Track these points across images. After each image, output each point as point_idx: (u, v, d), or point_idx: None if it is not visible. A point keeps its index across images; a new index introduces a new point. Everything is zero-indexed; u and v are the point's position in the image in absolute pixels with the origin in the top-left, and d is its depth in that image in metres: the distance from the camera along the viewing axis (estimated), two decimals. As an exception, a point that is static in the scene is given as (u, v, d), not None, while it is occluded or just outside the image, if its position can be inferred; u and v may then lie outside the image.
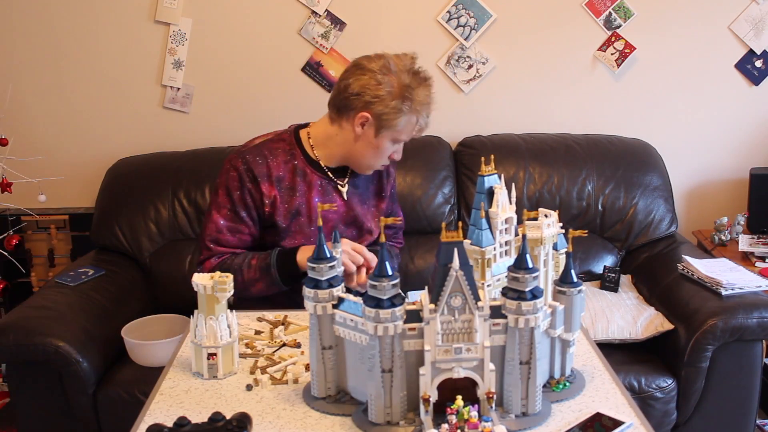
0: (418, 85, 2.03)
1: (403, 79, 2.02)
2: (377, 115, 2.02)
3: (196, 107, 3.25)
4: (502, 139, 3.14)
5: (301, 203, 2.11)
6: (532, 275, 1.35)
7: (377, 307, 1.33)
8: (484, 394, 1.37)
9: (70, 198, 3.30)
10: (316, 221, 2.11)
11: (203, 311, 1.61)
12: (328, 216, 2.13)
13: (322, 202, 2.11)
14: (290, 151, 2.12)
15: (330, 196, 2.14)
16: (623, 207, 3.00)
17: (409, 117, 2.03)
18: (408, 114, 2.02)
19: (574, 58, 3.22)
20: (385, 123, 2.03)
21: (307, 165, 2.12)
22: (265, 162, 2.09)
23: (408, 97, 2.01)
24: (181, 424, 1.32)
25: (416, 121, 2.04)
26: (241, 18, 3.17)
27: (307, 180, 2.12)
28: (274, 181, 2.09)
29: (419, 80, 2.04)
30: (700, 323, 2.37)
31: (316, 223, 2.10)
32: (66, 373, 2.32)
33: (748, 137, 3.31)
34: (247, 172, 2.07)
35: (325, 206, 1.58)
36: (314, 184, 2.12)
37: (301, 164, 2.12)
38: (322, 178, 2.14)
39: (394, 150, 2.11)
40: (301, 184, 2.11)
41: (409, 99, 2.01)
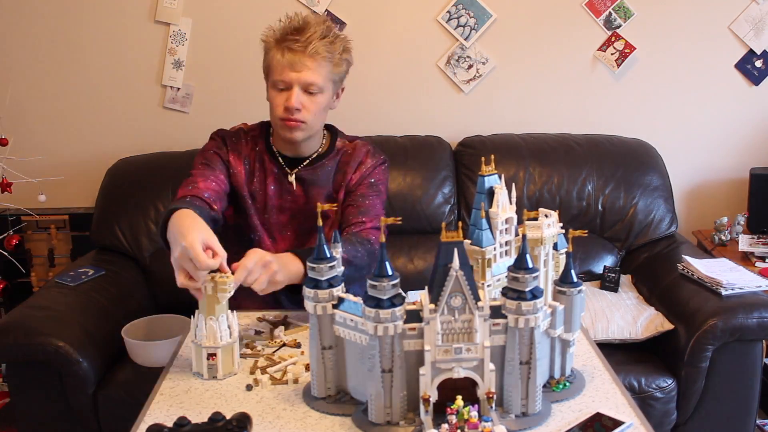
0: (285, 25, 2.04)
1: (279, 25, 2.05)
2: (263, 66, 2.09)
3: (196, 107, 3.25)
4: (502, 139, 3.14)
5: (258, 189, 2.13)
6: (532, 275, 1.35)
7: (377, 307, 1.33)
8: (484, 394, 1.37)
9: (70, 198, 3.30)
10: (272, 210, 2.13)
11: (203, 311, 1.61)
12: (285, 205, 2.13)
13: (277, 191, 2.13)
14: (256, 138, 2.16)
15: (284, 185, 2.14)
16: (623, 207, 3.00)
17: (273, 53, 2.02)
18: (271, 50, 2.03)
19: (574, 58, 3.22)
20: (264, 70, 2.08)
21: (265, 152, 2.15)
22: (239, 141, 2.15)
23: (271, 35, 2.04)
24: (181, 424, 1.32)
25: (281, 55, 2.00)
26: (241, 18, 3.17)
27: (264, 167, 2.14)
28: (242, 159, 2.13)
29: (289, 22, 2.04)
30: (700, 323, 2.37)
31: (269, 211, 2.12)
32: (66, 373, 2.32)
33: (748, 137, 3.31)
34: (223, 141, 2.14)
35: (325, 206, 1.57)
36: (270, 172, 2.14)
37: (260, 151, 2.15)
38: (277, 166, 2.15)
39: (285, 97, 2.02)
40: (260, 170, 2.14)
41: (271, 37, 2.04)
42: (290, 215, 2.15)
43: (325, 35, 2.01)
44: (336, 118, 3.14)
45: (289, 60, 2.00)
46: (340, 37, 2.07)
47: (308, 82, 2.01)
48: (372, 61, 3.21)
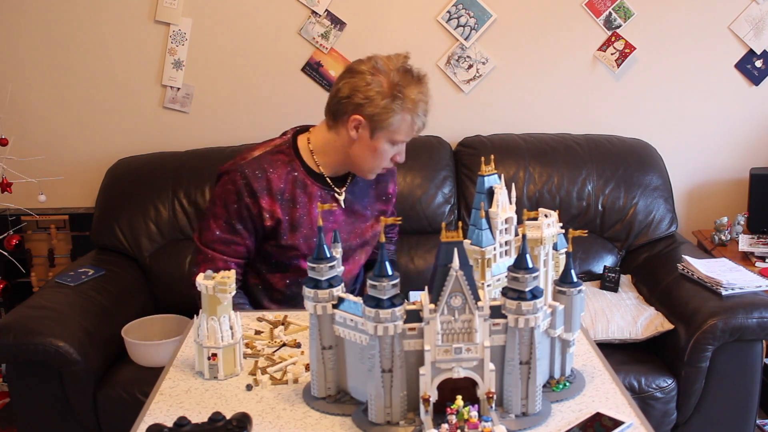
0: (409, 83, 1.99)
1: (392, 77, 1.99)
2: (369, 116, 1.99)
3: (196, 107, 3.25)
4: (502, 139, 3.14)
5: (302, 215, 2.09)
6: (532, 275, 1.35)
7: (377, 307, 1.33)
8: (484, 394, 1.37)
9: (70, 198, 3.30)
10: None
11: (205, 311, 1.61)
12: (328, 226, 2.10)
13: (324, 213, 2.09)
14: (290, 163, 2.10)
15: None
16: (623, 207, 3.00)
17: (403, 115, 1.99)
18: (401, 113, 1.99)
19: (574, 58, 3.22)
20: (378, 124, 2.00)
21: (307, 176, 2.10)
22: (265, 175, 2.07)
23: (398, 96, 1.98)
24: (181, 424, 1.32)
25: (411, 119, 2.00)
26: (241, 18, 3.17)
27: (307, 192, 2.09)
28: (275, 194, 2.07)
29: (410, 78, 2.00)
30: (700, 323, 2.37)
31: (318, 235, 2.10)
32: (66, 373, 2.32)
33: (748, 137, 3.31)
34: (246, 187, 2.05)
35: (325, 206, 1.58)
36: (314, 195, 2.10)
37: (301, 176, 2.10)
38: (322, 188, 2.12)
39: (396, 152, 2.07)
40: (302, 195, 2.09)
41: (399, 97, 1.98)
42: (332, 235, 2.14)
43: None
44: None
45: (419, 127, 2.04)
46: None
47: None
48: (372, 61, 3.20)
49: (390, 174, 2.25)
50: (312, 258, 1.45)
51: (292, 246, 2.10)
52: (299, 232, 2.09)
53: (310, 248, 2.11)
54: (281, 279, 2.16)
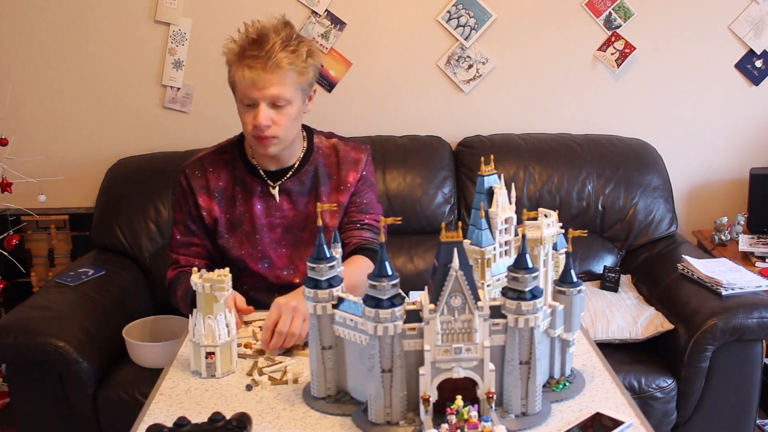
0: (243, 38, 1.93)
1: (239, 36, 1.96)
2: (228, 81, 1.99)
3: (196, 107, 3.25)
4: (502, 139, 3.14)
5: (243, 212, 2.08)
6: (532, 275, 1.35)
7: (377, 307, 1.33)
8: (484, 394, 1.37)
9: (70, 198, 3.30)
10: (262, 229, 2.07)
11: (202, 310, 1.61)
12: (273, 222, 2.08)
13: (265, 209, 2.08)
14: (231, 162, 2.09)
15: (271, 201, 2.08)
16: (623, 207, 3.00)
17: (235, 70, 1.93)
18: (233, 66, 1.93)
19: (574, 58, 3.22)
20: (231, 84, 1.98)
21: (246, 173, 2.08)
22: (204, 174, 2.08)
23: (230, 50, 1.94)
24: (181, 424, 1.32)
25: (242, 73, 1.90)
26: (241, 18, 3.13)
27: (247, 188, 2.08)
28: (212, 192, 2.07)
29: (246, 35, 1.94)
30: (700, 323, 2.37)
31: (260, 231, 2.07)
32: (66, 373, 2.32)
33: (748, 137, 3.31)
34: (188, 187, 2.08)
35: (325, 206, 1.57)
36: (255, 192, 2.07)
37: (241, 174, 2.08)
38: (261, 183, 2.08)
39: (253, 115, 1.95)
40: (241, 193, 2.08)
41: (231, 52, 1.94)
42: (282, 230, 2.10)
43: (286, 44, 1.90)
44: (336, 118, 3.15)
45: (251, 77, 1.89)
46: (303, 41, 1.95)
47: (274, 96, 1.91)
48: (372, 61, 3.21)
49: (352, 162, 2.13)
50: (311, 258, 1.45)
51: (232, 245, 2.09)
52: (240, 230, 2.08)
53: (253, 246, 2.08)
54: (240, 285, 2.10)
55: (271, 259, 2.10)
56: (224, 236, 2.09)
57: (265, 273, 2.10)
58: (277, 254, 2.10)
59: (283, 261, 2.11)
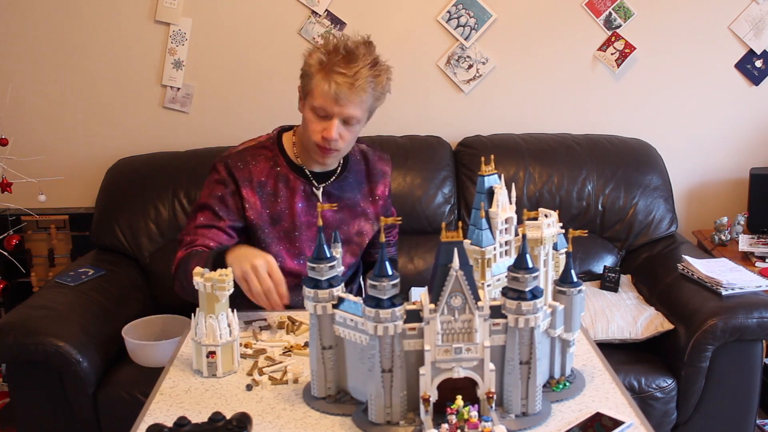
0: (332, 50, 1.96)
1: (326, 45, 1.99)
2: (301, 81, 2.03)
3: (196, 107, 3.25)
4: (502, 139, 3.14)
5: (284, 209, 2.09)
6: (532, 275, 1.35)
7: (377, 307, 1.33)
8: (484, 394, 1.37)
9: (70, 198, 3.30)
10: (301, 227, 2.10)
11: (203, 309, 1.61)
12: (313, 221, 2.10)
13: (306, 207, 2.10)
14: (273, 158, 2.10)
15: (312, 201, 2.11)
16: (623, 207, 3.00)
17: (318, 79, 1.95)
18: (316, 74, 1.96)
19: (574, 58, 3.22)
20: (303, 87, 2.02)
21: (290, 171, 2.10)
22: (247, 167, 2.08)
23: (316, 59, 1.97)
24: (181, 424, 1.32)
25: (326, 83, 1.94)
26: (241, 18, 3.17)
27: (290, 186, 2.09)
28: (255, 186, 2.08)
29: (337, 48, 1.96)
30: (700, 323, 2.37)
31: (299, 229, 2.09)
32: (66, 373, 2.32)
33: (748, 137, 3.31)
34: (229, 176, 2.08)
35: (325, 206, 1.58)
36: (297, 190, 2.10)
37: (284, 170, 2.10)
38: (305, 182, 2.11)
39: (324, 126, 1.99)
40: (284, 189, 2.09)
41: (317, 61, 1.96)
42: (313, 232, 2.12)
43: (372, 68, 1.97)
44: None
45: (335, 93, 1.94)
46: (384, 68, 2.01)
47: (350, 115, 1.97)
48: (372, 61, 3.20)
49: (380, 174, 2.22)
50: (312, 258, 1.45)
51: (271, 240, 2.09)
52: (280, 226, 2.10)
53: (291, 243, 2.10)
54: None
55: (306, 256, 2.13)
56: (264, 230, 2.09)
57: (300, 269, 2.12)
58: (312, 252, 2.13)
59: None
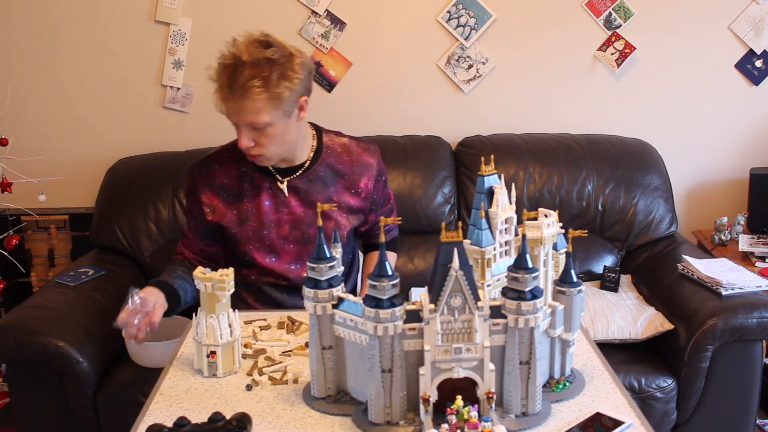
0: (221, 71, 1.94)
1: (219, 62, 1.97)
2: None
3: (196, 107, 3.25)
4: (502, 139, 3.14)
5: (250, 208, 2.10)
6: (532, 275, 1.35)
7: (377, 307, 1.33)
8: (484, 394, 1.37)
9: (70, 198, 3.30)
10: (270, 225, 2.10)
11: (204, 309, 1.61)
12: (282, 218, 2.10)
13: (273, 205, 2.10)
14: (239, 159, 2.09)
15: (280, 197, 2.10)
16: (623, 207, 3.00)
17: (215, 94, 1.95)
18: (215, 90, 1.96)
19: (574, 58, 3.22)
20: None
21: (255, 171, 2.10)
22: (210, 172, 2.10)
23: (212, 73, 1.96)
24: (181, 424, 1.32)
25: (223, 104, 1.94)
26: (241, 18, 3.17)
27: (255, 185, 2.10)
28: (216, 189, 2.09)
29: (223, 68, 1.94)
30: (700, 323, 2.37)
31: (267, 227, 2.10)
32: (66, 373, 2.32)
33: (748, 137, 3.31)
34: (192, 186, 2.12)
35: (325, 206, 1.57)
36: (263, 188, 2.10)
37: (249, 171, 2.10)
38: (271, 180, 2.10)
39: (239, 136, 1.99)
40: (249, 189, 2.10)
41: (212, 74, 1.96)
42: (290, 227, 2.12)
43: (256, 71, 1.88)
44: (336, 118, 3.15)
45: (228, 108, 1.93)
46: (275, 65, 1.90)
47: (249, 122, 1.94)
48: (372, 61, 3.21)
49: (363, 166, 2.17)
50: (311, 258, 1.45)
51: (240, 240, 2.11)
52: (248, 225, 2.11)
53: (260, 241, 2.11)
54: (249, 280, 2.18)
55: (278, 254, 2.13)
56: (232, 230, 2.11)
57: (273, 267, 2.13)
58: (285, 249, 2.14)
59: (291, 256, 2.14)
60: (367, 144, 2.22)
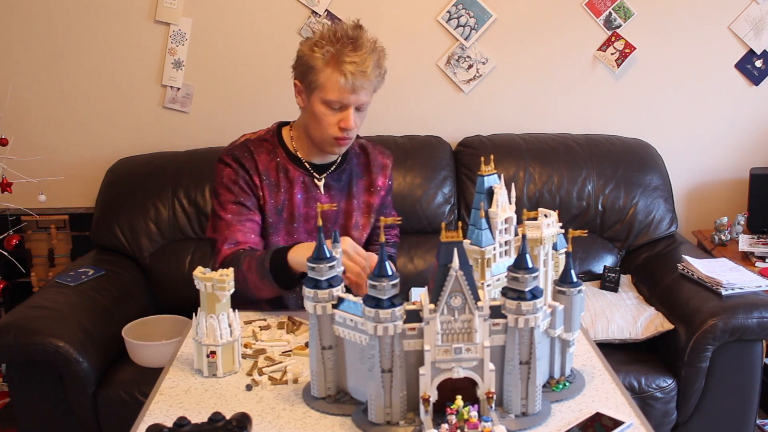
0: (337, 41, 1.95)
1: (324, 37, 1.98)
2: (301, 77, 2.02)
3: (196, 107, 3.25)
4: (502, 139, 3.14)
5: (284, 200, 2.09)
6: (532, 275, 1.34)
7: (377, 307, 1.33)
8: (484, 394, 1.37)
9: (70, 198, 3.30)
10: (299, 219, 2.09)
11: (204, 309, 1.61)
12: (310, 213, 2.10)
13: (305, 199, 2.10)
14: (273, 150, 2.10)
15: (313, 193, 2.11)
16: (623, 207, 3.00)
17: (328, 72, 1.95)
18: (324, 68, 1.95)
19: (574, 58, 3.22)
20: (308, 84, 2.00)
21: (289, 162, 2.10)
22: (252, 157, 2.09)
23: (323, 52, 1.95)
24: (181, 424, 1.32)
25: (337, 76, 1.94)
26: (241, 18, 3.17)
27: (289, 177, 2.09)
28: (261, 174, 2.08)
29: (339, 37, 1.96)
30: (700, 323, 2.37)
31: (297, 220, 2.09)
32: (66, 373, 2.32)
33: (748, 137, 3.31)
34: (240, 166, 2.07)
35: (325, 206, 1.57)
36: (296, 181, 2.10)
37: (283, 161, 2.10)
38: (305, 174, 2.11)
39: (339, 117, 1.99)
40: (284, 180, 2.09)
41: (324, 54, 1.95)
42: (313, 222, 2.12)
43: (373, 50, 1.98)
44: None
45: (351, 83, 1.94)
46: (381, 47, 2.02)
47: (364, 102, 2.00)
48: (372, 61, 3.21)
49: (380, 166, 2.20)
50: (311, 258, 1.45)
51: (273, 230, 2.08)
52: (280, 216, 2.10)
53: (289, 234, 2.10)
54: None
55: None
56: (269, 220, 2.10)
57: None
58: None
59: None
60: (382, 147, 2.27)
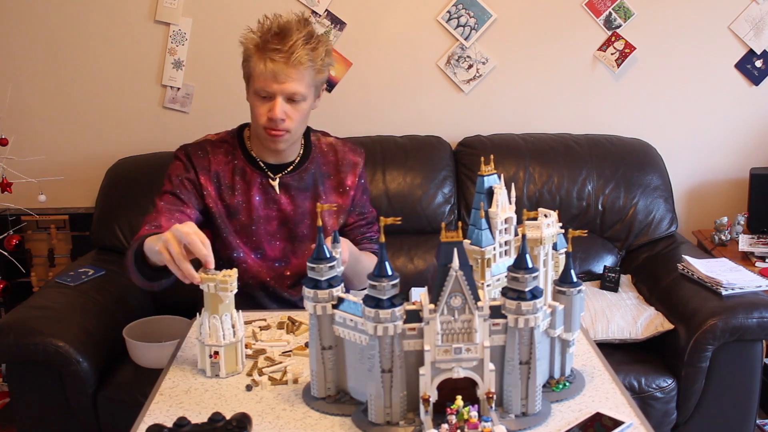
0: (268, 31, 1.95)
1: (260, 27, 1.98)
2: (243, 71, 2.03)
3: (196, 107, 3.25)
4: (502, 139, 3.14)
5: (241, 202, 2.08)
6: (532, 275, 1.35)
7: (377, 307, 1.33)
8: (484, 394, 1.37)
9: (70, 198, 3.30)
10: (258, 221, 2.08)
11: (208, 309, 1.61)
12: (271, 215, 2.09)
13: (263, 200, 2.09)
14: (232, 152, 2.10)
15: (269, 194, 2.09)
16: (623, 207, 3.00)
17: (255, 60, 1.95)
18: (253, 57, 1.96)
19: (574, 58, 3.22)
20: (245, 74, 2.01)
21: (247, 164, 2.09)
22: (206, 156, 2.08)
23: (252, 41, 1.96)
24: (181, 424, 1.32)
25: (262, 65, 1.94)
26: (241, 18, 3.14)
27: (246, 179, 2.08)
28: (212, 176, 2.07)
29: (269, 28, 1.96)
30: (700, 323, 2.37)
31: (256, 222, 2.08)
32: (66, 373, 2.32)
33: (748, 137, 3.31)
34: (189, 162, 2.08)
35: (325, 206, 1.57)
36: (254, 183, 2.09)
37: (240, 163, 2.09)
38: (262, 176, 2.09)
39: (268, 107, 1.98)
40: (240, 182, 2.08)
41: (252, 43, 1.96)
42: (278, 223, 2.11)
43: (307, 41, 1.94)
44: (336, 118, 3.15)
45: (272, 70, 1.93)
46: (322, 41, 1.99)
47: (292, 92, 1.95)
48: (372, 61, 3.21)
49: (350, 165, 2.17)
50: (311, 258, 1.45)
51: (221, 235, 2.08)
52: (237, 220, 2.09)
53: (248, 236, 2.09)
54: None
55: (264, 251, 2.12)
56: (221, 220, 2.09)
57: (257, 263, 2.11)
58: (271, 246, 2.12)
59: (276, 253, 2.12)
60: (353, 145, 2.22)
